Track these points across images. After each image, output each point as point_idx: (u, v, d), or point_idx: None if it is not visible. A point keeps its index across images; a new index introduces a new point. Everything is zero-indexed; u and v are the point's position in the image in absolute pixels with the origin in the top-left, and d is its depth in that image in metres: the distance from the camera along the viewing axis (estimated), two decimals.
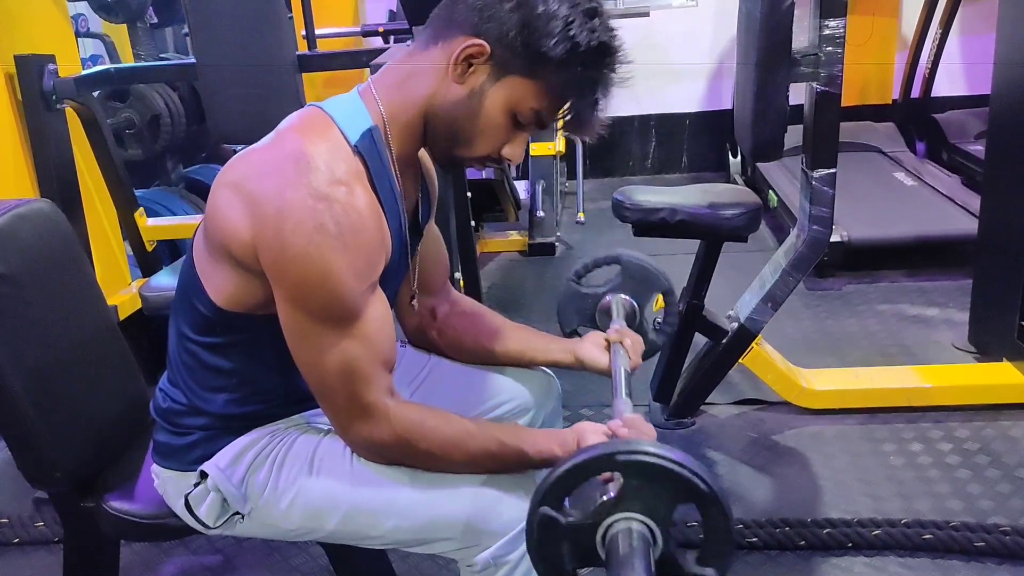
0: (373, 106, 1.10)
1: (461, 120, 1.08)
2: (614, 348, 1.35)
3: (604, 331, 1.42)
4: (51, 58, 2.34)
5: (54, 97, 2.34)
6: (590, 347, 1.38)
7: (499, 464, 1.12)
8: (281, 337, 1.06)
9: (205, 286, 1.10)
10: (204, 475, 1.16)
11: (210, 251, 1.09)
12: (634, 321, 1.50)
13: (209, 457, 1.17)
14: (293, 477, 1.15)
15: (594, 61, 1.06)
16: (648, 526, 0.86)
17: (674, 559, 0.87)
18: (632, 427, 1.10)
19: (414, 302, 1.34)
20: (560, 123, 1.13)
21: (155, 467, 1.23)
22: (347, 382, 1.05)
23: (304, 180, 0.99)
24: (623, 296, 1.50)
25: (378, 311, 1.07)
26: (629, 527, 0.86)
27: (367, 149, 1.06)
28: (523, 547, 1.08)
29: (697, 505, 0.85)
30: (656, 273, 1.52)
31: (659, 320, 2.23)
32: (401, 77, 1.11)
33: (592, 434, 1.11)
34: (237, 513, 1.17)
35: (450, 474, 1.12)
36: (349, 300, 1.03)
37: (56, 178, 2.37)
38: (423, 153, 1.21)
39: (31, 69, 2.29)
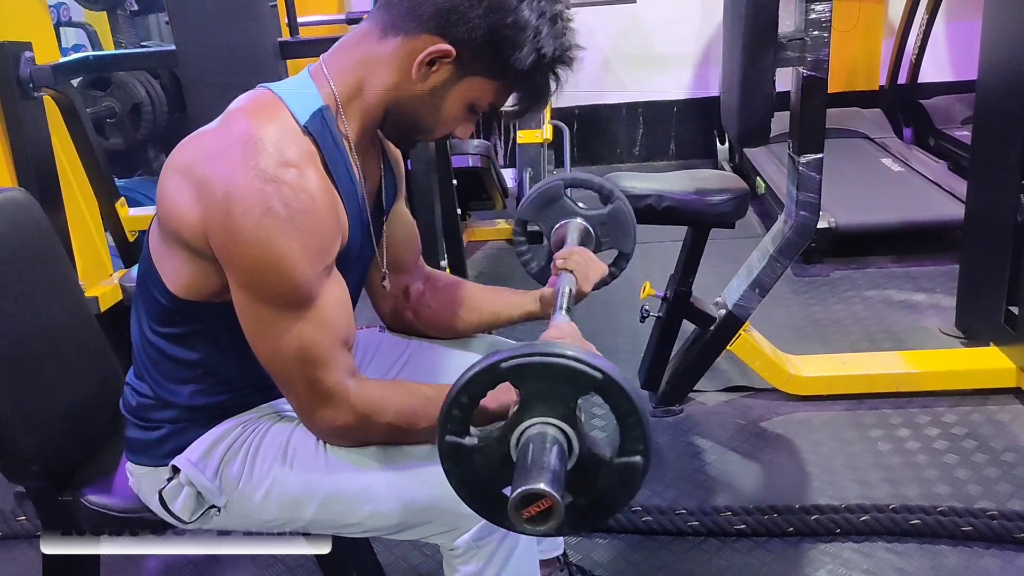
0: (325, 86, 1.08)
1: (422, 114, 1.10)
2: (560, 274, 1.33)
3: None
4: (28, 45, 2.30)
5: (31, 85, 2.30)
6: (548, 288, 1.37)
7: None
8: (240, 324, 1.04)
9: (162, 275, 1.09)
10: (177, 469, 1.14)
11: (164, 239, 1.07)
12: (590, 237, 1.47)
13: (181, 450, 1.15)
14: (267, 467, 1.14)
15: (557, 65, 1.09)
16: (560, 428, 0.85)
17: (595, 456, 0.86)
18: (551, 335, 1.11)
19: (385, 283, 1.32)
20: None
21: (128, 464, 1.22)
22: (306, 368, 1.04)
23: (252, 162, 0.97)
24: (571, 222, 1.47)
25: (334, 294, 1.06)
26: (542, 431, 0.85)
27: (318, 130, 1.04)
28: (504, 528, 1.07)
29: (598, 394, 0.84)
30: (576, 181, 1.49)
31: (646, 307, 2.23)
32: (357, 60, 1.09)
33: None
34: (213, 506, 1.16)
35: (426, 457, 1.11)
36: (303, 284, 1.01)
37: (34, 167, 2.33)
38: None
39: (7, 56, 2.24)
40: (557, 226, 1.48)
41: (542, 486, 0.78)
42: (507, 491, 0.85)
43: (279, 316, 1.02)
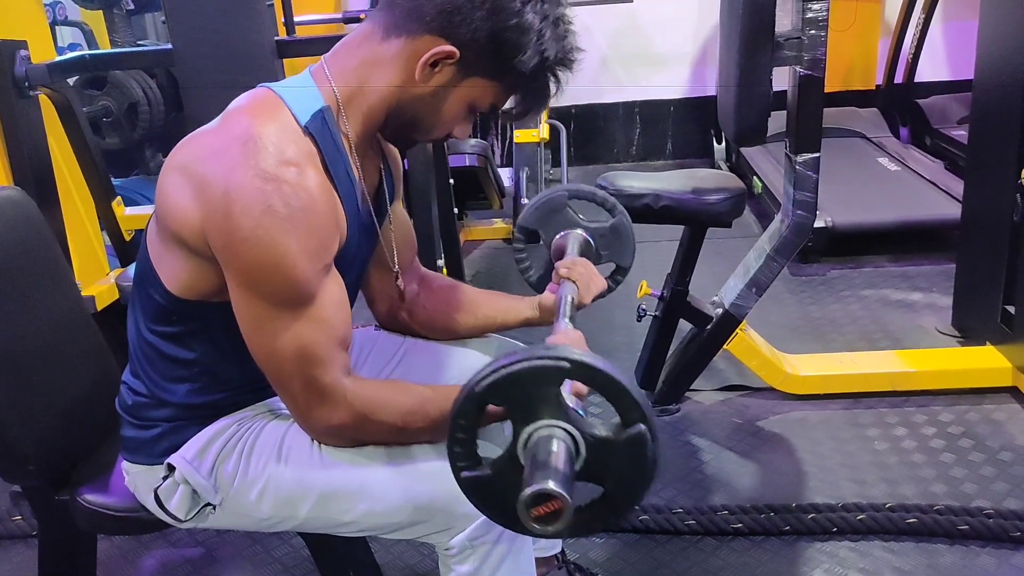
0: (326, 87, 1.08)
1: (423, 115, 1.10)
2: (562, 283, 1.34)
3: None
4: (23, 44, 2.29)
5: (27, 84, 2.29)
6: (547, 294, 1.37)
7: None
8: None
9: (159, 274, 1.09)
10: (172, 468, 1.14)
11: (162, 238, 1.07)
12: (590, 249, 1.48)
13: (176, 449, 1.15)
14: (262, 465, 1.14)
15: (558, 68, 1.09)
16: (564, 428, 0.85)
17: (602, 442, 0.86)
18: (557, 341, 1.11)
19: (399, 282, 1.33)
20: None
21: (124, 463, 1.22)
22: (303, 366, 1.04)
23: (252, 161, 0.97)
24: (572, 232, 1.48)
25: (333, 293, 1.06)
26: (548, 434, 0.85)
27: (318, 130, 1.05)
28: (499, 528, 1.07)
29: (577, 380, 0.86)
30: (580, 192, 1.50)
31: (643, 306, 2.24)
32: (359, 61, 1.09)
33: None
34: (208, 505, 1.16)
35: (421, 456, 1.11)
36: (302, 282, 1.01)
37: (30, 166, 2.32)
38: None
39: (2, 55, 2.24)
40: (558, 236, 1.49)
41: (549, 485, 0.78)
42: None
43: (277, 315, 1.01)
